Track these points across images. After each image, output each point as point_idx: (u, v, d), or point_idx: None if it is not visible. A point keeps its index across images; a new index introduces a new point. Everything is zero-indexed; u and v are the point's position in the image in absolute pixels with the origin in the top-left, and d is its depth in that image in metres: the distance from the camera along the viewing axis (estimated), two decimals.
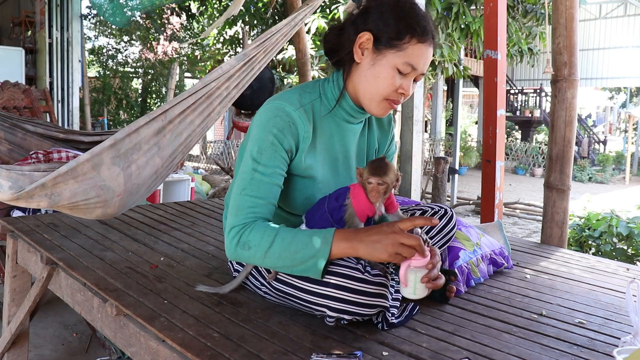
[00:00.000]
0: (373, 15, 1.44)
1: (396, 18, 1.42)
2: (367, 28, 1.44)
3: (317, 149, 1.52)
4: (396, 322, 1.44)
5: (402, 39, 1.41)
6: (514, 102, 18.21)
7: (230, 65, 2.33)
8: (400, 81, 1.43)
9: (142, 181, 2.04)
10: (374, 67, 1.44)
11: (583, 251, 4.05)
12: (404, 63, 1.41)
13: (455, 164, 10.01)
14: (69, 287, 1.86)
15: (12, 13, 8.56)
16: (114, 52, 13.03)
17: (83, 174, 1.87)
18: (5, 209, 3.07)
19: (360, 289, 1.33)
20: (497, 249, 2.05)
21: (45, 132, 3.22)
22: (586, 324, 1.56)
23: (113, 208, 2.00)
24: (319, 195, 1.52)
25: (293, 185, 1.52)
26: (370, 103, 1.49)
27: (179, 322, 1.39)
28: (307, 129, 1.47)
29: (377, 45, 1.43)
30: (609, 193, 12.09)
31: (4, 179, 1.73)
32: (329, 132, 1.56)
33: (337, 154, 1.58)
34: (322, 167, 1.54)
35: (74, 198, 1.86)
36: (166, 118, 2.11)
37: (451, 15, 7.39)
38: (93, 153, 1.89)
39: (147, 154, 2.05)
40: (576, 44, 2.69)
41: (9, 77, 4.91)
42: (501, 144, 3.07)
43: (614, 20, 17.54)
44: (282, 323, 1.42)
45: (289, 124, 1.44)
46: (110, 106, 12.10)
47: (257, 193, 1.41)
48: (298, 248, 1.33)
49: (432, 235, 1.72)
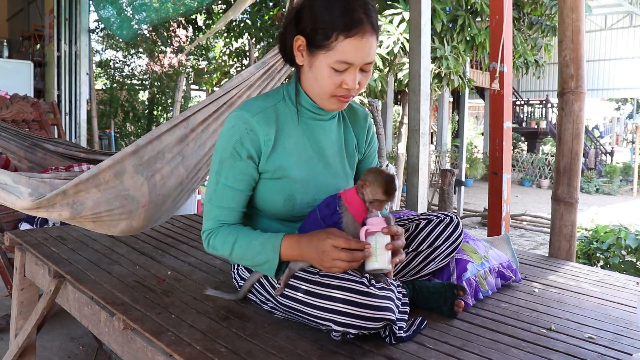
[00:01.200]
0: (304, 17, 1.45)
1: (321, 18, 1.40)
2: (299, 31, 1.46)
3: (287, 149, 1.53)
4: (404, 337, 1.43)
5: (329, 39, 1.39)
6: (520, 113, 18.19)
7: (249, 73, 2.33)
8: (340, 78, 1.43)
9: (167, 192, 1.96)
10: (312, 69, 1.46)
11: (591, 264, 4.02)
12: (336, 62, 1.40)
13: (461, 176, 9.98)
14: (77, 300, 1.86)
15: (22, 27, 8.64)
16: (121, 64, 13.12)
17: (105, 182, 1.81)
18: (14, 221, 3.08)
19: (365, 303, 1.33)
20: (505, 262, 2.04)
21: (66, 151, 3.20)
22: (596, 339, 1.55)
23: (138, 220, 1.93)
24: (298, 195, 1.53)
25: (270, 188, 1.54)
26: (321, 101, 1.52)
27: (186, 336, 1.39)
28: (267, 132, 1.49)
29: (310, 47, 1.45)
30: (616, 204, 12.03)
31: (23, 186, 1.66)
32: (300, 132, 1.57)
33: (311, 152, 1.58)
34: (297, 166, 1.54)
35: (97, 208, 1.79)
36: (188, 125, 2.07)
37: (456, 28, 7.41)
38: (115, 160, 1.83)
39: (171, 163, 1.99)
40: (583, 56, 2.69)
41: (18, 89, 4.94)
42: (508, 156, 3.07)
43: (619, 31, 17.55)
44: (289, 338, 1.41)
45: (247, 132, 1.47)
46: (117, 118, 12.15)
47: (220, 203, 1.51)
48: (254, 254, 1.47)
49: (439, 244, 1.72)
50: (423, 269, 1.75)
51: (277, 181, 1.53)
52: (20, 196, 1.66)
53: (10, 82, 6.70)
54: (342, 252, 1.33)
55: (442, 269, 1.84)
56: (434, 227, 1.74)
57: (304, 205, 1.54)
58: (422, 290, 1.68)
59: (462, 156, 10.90)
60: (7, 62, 7.50)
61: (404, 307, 1.47)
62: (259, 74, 2.35)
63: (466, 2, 7.31)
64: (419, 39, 3.38)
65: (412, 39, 3.46)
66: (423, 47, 3.38)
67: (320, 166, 1.59)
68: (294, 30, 1.47)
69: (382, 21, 7.04)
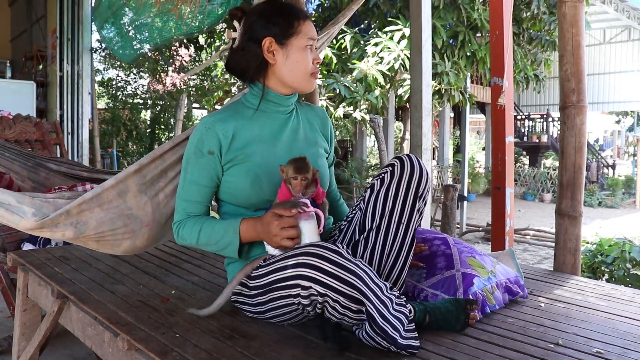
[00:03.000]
0: (260, 24, 1.71)
1: (278, 15, 1.71)
2: (264, 35, 1.70)
3: (247, 138, 1.72)
4: (403, 343, 1.42)
5: (293, 26, 1.70)
6: (521, 127, 18.21)
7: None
8: (312, 55, 1.74)
9: (170, 211, 1.95)
10: (289, 57, 1.72)
11: (596, 277, 4.00)
12: (306, 40, 1.72)
13: (463, 191, 9.98)
14: (80, 321, 1.85)
15: (25, 48, 8.72)
16: (123, 84, 13.20)
17: (109, 202, 1.82)
18: (16, 241, 3.07)
19: (333, 259, 1.38)
20: (513, 277, 2.03)
21: (69, 171, 3.19)
22: (604, 353, 1.53)
23: (142, 240, 1.92)
24: (264, 177, 1.68)
25: (237, 174, 1.69)
26: (301, 83, 1.76)
27: (191, 356, 1.38)
28: (225, 127, 1.69)
29: (280, 41, 1.70)
30: (619, 217, 11.99)
31: (27, 206, 1.67)
32: (260, 125, 1.76)
33: (273, 140, 1.76)
34: (258, 151, 1.71)
35: (101, 227, 1.79)
36: None
37: (457, 43, 7.46)
38: (118, 179, 1.83)
39: (174, 181, 1.99)
40: (584, 70, 2.69)
41: (21, 110, 4.98)
42: (510, 171, 3.06)
43: (618, 45, 17.62)
44: (295, 356, 1.40)
45: (206, 129, 1.69)
46: (120, 137, 12.19)
47: (186, 197, 1.72)
48: (217, 238, 1.64)
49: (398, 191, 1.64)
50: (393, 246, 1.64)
51: (242, 166, 1.68)
52: (24, 216, 1.66)
53: (13, 103, 6.74)
54: (285, 222, 1.52)
55: (447, 283, 1.83)
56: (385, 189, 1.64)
57: (272, 186, 1.68)
58: (434, 312, 1.64)
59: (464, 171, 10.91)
60: (10, 83, 7.55)
61: (399, 307, 1.47)
62: None
63: (466, 18, 7.37)
64: (420, 55, 3.40)
65: (413, 55, 3.48)
66: (424, 63, 3.39)
67: (283, 152, 1.75)
68: (254, 42, 1.71)
69: (382, 37, 7.09)
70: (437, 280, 1.87)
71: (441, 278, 1.87)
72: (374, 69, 6.97)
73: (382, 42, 7.07)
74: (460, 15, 7.32)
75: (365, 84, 7.04)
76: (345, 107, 7.22)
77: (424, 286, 1.89)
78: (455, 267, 1.89)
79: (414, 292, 1.92)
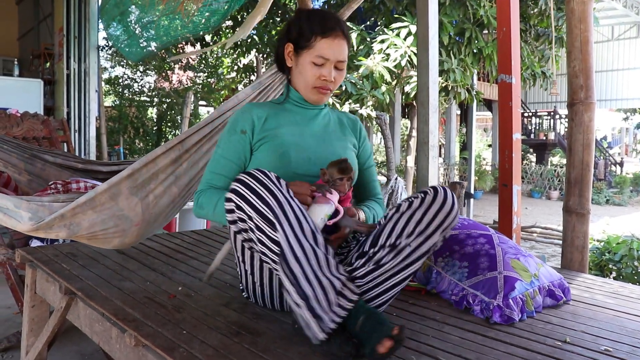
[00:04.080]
0: (290, 29, 1.86)
1: (303, 26, 1.81)
2: (288, 40, 1.86)
3: (279, 122, 1.85)
4: (318, 311, 1.37)
5: (309, 40, 1.79)
6: (528, 125, 18.14)
7: (245, 94, 2.35)
8: (319, 71, 1.80)
9: (159, 210, 2.04)
10: (298, 67, 1.85)
11: (603, 275, 3.98)
12: (316, 56, 1.79)
13: (470, 188, 9.96)
14: (88, 317, 1.86)
15: (32, 46, 8.74)
16: (129, 81, 13.22)
17: (101, 204, 1.89)
18: (24, 238, 3.09)
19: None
20: (557, 281, 1.99)
21: (64, 162, 3.26)
22: (613, 351, 1.53)
23: (131, 238, 2.01)
24: (292, 152, 1.78)
25: (266, 150, 1.80)
26: (306, 93, 1.88)
27: (198, 352, 1.38)
28: (260, 112, 1.85)
29: (296, 49, 1.84)
30: (627, 215, 11.94)
31: (24, 210, 1.74)
32: (293, 114, 1.89)
33: (302, 127, 1.88)
34: (288, 131, 1.83)
35: (93, 228, 1.87)
36: (183, 147, 2.13)
37: (463, 40, 7.43)
38: (111, 183, 1.91)
39: (164, 183, 2.07)
40: (592, 66, 2.68)
41: (28, 107, 5.00)
42: (517, 168, 3.05)
43: (626, 41, 17.52)
44: (301, 353, 1.40)
45: (242, 112, 1.86)
46: (127, 135, 12.21)
47: (213, 169, 1.83)
48: None
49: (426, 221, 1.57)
50: (404, 265, 1.58)
51: (272, 142, 1.80)
52: (21, 220, 1.77)
53: (20, 100, 6.76)
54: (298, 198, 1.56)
55: (488, 285, 1.82)
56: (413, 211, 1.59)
57: (300, 161, 1.78)
58: (367, 322, 1.38)
59: (471, 168, 10.89)
60: (17, 81, 7.58)
61: (338, 278, 1.41)
62: (254, 95, 2.39)
63: (473, 14, 7.34)
64: (426, 52, 3.39)
65: (420, 51, 3.47)
66: (431, 60, 3.38)
67: (313, 138, 1.86)
68: (285, 40, 1.87)
69: (389, 34, 7.07)
70: (479, 281, 1.86)
71: (483, 279, 1.86)
72: (381, 65, 6.95)
73: (388, 39, 7.05)
74: (467, 12, 7.29)
75: (371, 80, 7.02)
76: (351, 104, 7.20)
77: (465, 285, 1.88)
78: (497, 269, 1.87)
79: (453, 291, 1.91)
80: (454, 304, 1.89)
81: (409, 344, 1.51)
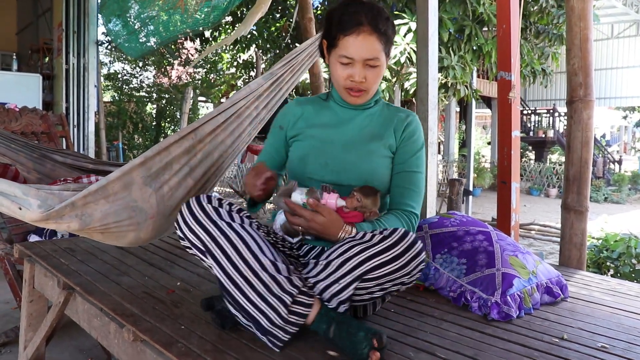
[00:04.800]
0: (324, 26, 1.78)
1: (330, 23, 1.72)
2: (324, 35, 1.78)
3: (311, 122, 1.85)
4: (266, 326, 1.40)
5: (335, 38, 1.69)
6: (527, 122, 18.14)
7: (257, 84, 2.33)
8: (346, 71, 1.70)
9: (175, 203, 1.97)
10: (330, 66, 1.77)
11: (601, 273, 3.99)
12: (340, 56, 1.69)
13: (469, 186, 9.96)
14: (86, 312, 1.86)
15: (31, 40, 8.73)
16: (128, 77, 13.21)
17: (114, 194, 1.81)
18: (22, 233, 3.09)
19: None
20: (554, 278, 1.99)
21: (74, 162, 3.21)
22: (609, 348, 1.53)
23: (146, 232, 1.92)
24: (311, 157, 1.77)
25: (293, 149, 1.85)
26: (340, 92, 1.80)
27: (196, 347, 1.38)
28: (298, 109, 1.88)
29: (328, 47, 1.76)
30: (625, 213, 11.94)
31: (32, 198, 1.66)
32: (330, 114, 1.85)
33: (333, 129, 1.82)
34: (316, 132, 1.81)
35: (106, 220, 1.78)
36: (196, 137, 2.07)
37: (463, 37, 7.42)
38: (123, 171, 1.82)
39: (179, 174, 2.00)
40: (591, 64, 2.68)
41: (27, 102, 4.98)
42: (516, 165, 3.05)
43: (626, 39, 17.52)
44: (299, 349, 1.40)
45: (285, 108, 1.92)
46: (125, 130, 12.21)
47: (261, 156, 1.94)
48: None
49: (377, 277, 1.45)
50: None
51: (299, 142, 1.82)
52: (30, 208, 1.65)
53: (19, 95, 6.75)
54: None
55: (487, 282, 1.82)
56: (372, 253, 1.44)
57: (315, 166, 1.75)
58: (341, 327, 1.39)
59: (470, 166, 10.89)
60: (16, 76, 7.57)
61: (288, 295, 1.39)
62: (266, 85, 2.35)
63: (473, 11, 7.33)
64: (426, 49, 3.38)
65: (420, 48, 3.46)
66: (431, 57, 3.38)
67: (337, 140, 1.79)
68: (322, 35, 1.81)
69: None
70: (477, 278, 1.87)
71: (481, 276, 1.86)
72: None
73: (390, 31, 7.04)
74: (467, 9, 7.29)
75: None
76: None
77: (463, 282, 1.88)
78: (495, 266, 1.87)
79: (451, 287, 1.92)
80: (452, 301, 1.90)
81: (406, 340, 1.52)
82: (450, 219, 2.19)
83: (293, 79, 2.49)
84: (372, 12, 1.67)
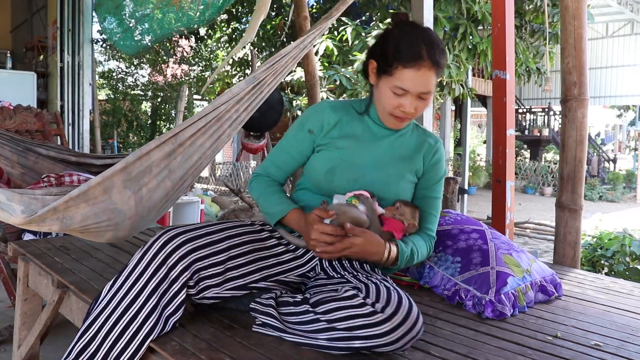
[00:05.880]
0: (378, 46, 1.69)
1: (389, 48, 1.62)
2: (373, 57, 1.69)
3: (344, 132, 1.75)
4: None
5: (391, 66, 1.60)
6: (522, 121, 18.18)
7: (239, 89, 2.34)
8: (398, 101, 1.62)
9: (153, 204, 2.03)
10: (378, 89, 1.68)
11: (595, 271, 4.01)
12: (394, 86, 1.61)
13: (464, 184, 9.98)
14: (80, 310, 1.85)
15: (26, 38, 8.69)
16: (123, 75, 13.17)
17: (94, 198, 1.87)
18: (17, 232, 3.08)
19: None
20: (548, 276, 2.00)
21: (57, 155, 3.25)
22: (603, 346, 1.54)
23: (124, 231, 1.99)
24: (339, 170, 1.70)
25: (319, 158, 1.75)
26: (382, 117, 1.72)
27: (190, 346, 1.38)
28: (332, 117, 1.75)
29: (378, 71, 1.67)
30: (620, 212, 12.00)
31: (16, 203, 1.73)
32: (363, 127, 1.77)
33: (364, 145, 1.75)
34: (347, 146, 1.73)
35: (86, 221, 1.85)
36: (176, 141, 2.11)
37: (458, 36, 7.43)
38: (104, 176, 1.89)
39: (158, 177, 2.05)
40: (585, 63, 2.69)
41: (22, 100, 4.97)
42: (511, 164, 3.06)
43: (621, 38, 17.55)
44: (294, 347, 1.40)
45: (316, 111, 1.78)
46: (120, 129, 12.18)
47: (273, 158, 1.85)
48: (270, 206, 1.74)
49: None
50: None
51: (328, 152, 1.73)
52: (14, 213, 1.73)
53: (13, 93, 6.72)
54: (322, 228, 1.55)
55: (481, 280, 1.83)
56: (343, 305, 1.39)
57: (343, 181, 1.69)
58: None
59: (465, 164, 10.91)
60: (10, 73, 7.52)
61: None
62: (248, 89, 2.37)
63: (468, 10, 7.34)
64: None
65: None
66: None
67: (368, 157, 1.74)
68: (370, 54, 1.72)
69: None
70: (471, 276, 1.88)
71: (475, 274, 1.87)
72: None
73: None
74: (462, 8, 7.29)
75: None
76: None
77: (458, 280, 1.89)
78: (490, 264, 1.88)
79: (445, 285, 1.92)
80: (446, 299, 1.90)
81: None
82: (445, 218, 2.20)
83: (275, 82, 2.50)
84: (430, 43, 1.60)
